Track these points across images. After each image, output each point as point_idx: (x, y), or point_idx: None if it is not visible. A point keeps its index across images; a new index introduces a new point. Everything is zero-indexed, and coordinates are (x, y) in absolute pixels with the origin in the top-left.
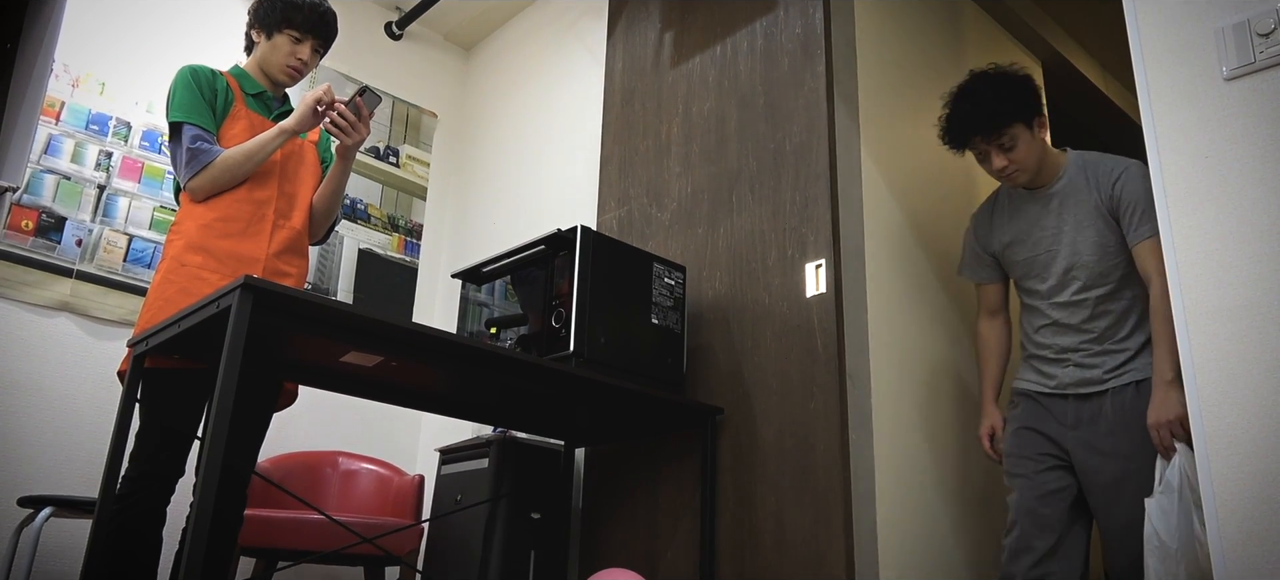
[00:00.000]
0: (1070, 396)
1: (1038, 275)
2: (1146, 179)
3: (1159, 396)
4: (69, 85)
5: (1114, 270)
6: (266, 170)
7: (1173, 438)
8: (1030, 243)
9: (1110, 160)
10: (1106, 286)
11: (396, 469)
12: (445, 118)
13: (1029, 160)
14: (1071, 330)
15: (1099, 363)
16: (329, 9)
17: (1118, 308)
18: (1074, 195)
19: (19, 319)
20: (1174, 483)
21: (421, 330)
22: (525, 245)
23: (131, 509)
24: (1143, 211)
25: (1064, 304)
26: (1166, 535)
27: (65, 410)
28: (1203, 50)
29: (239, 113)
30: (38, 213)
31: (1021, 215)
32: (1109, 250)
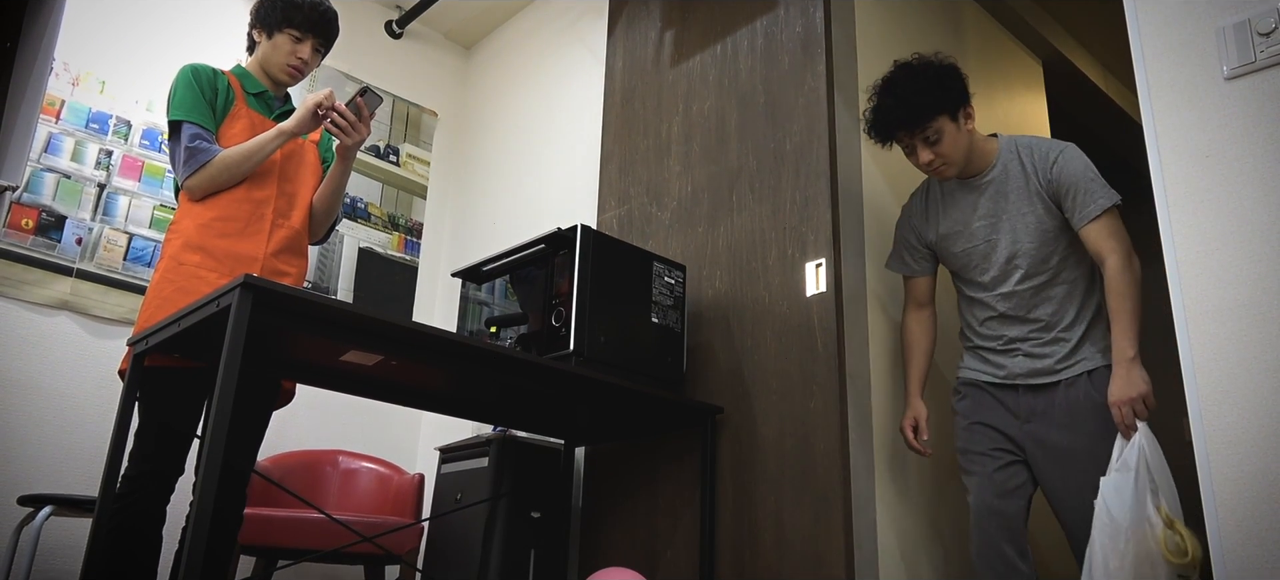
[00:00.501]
0: (1021, 387)
1: (978, 267)
2: (1084, 159)
3: (1120, 374)
4: (69, 84)
5: (1053, 256)
6: (265, 170)
7: (1135, 416)
8: (967, 234)
9: (1045, 143)
10: (1047, 273)
11: (396, 468)
12: (445, 117)
13: (955, 153)
14: (1018, 321)
15: (1049, 352)
16: (330, 8)
17: (1059, 294)
18: (1010, 182)
19: (19, 317)
20: (1131, 461)
21: (421, 329)
22: (525, 244)
23: (131, 508)
24: (1087, 192)
25: (1008, 294)
26: (1118, 513)
27: (65, 409)
28: (1203, 49)
29: (240, 112)
30: (38, 211)
31: (957, 205)
32: (1048, 236)
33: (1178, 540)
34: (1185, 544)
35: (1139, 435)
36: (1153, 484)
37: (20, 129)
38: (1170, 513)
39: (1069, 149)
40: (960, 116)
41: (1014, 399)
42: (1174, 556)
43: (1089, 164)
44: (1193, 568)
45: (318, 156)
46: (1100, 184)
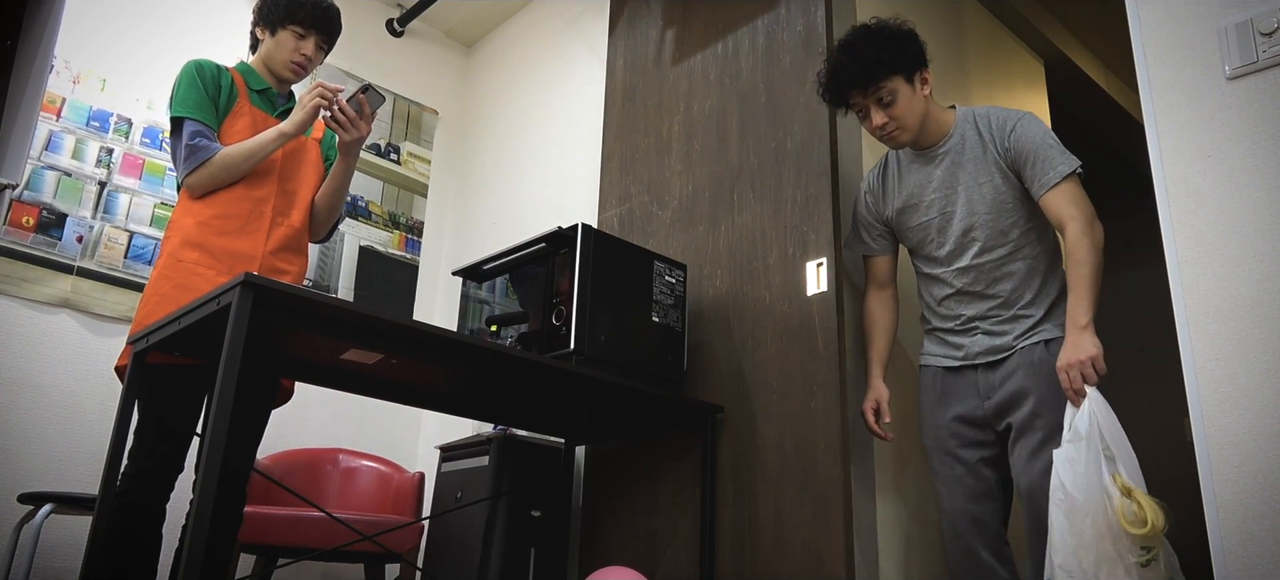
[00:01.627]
0: (980, 367)
1: (934, 241)
2: (1042, 126)
3: (1071, 340)
4: (70, 82)
5: (1012, 228)
6: (265, 168)
7: (1083, 381)
8: (923, 206)
9: (1003, 112)
10: (1006, 246)
11: (397, 466)
12: (446, 115)
13: (909, 117)
14: (976, 297)
15: (1008, 329)
16: (332, 5)
17: (1019, 269)
18: (967, 152)
19: (19, 316)
20: (1083, 430)
21: (422, 328)
22: (526, 243)
23: (130, 507)
24: (1046, 159)
25: (965, 269)
26: (1073, 487)
27: (66, 407)
28: (1205, 49)
29: (242, 110)
30: (39, 209)
31: (912, 178)
32: (1006, 207)
33: (1136, 509)
34: (1144, 512)
35: (1090, 402)
36: (1108, 452)
37: (20, 127)
38: (1128, 481)
39: (1027, 116)
40: (916, 80)
41: (971, 381)
42: (1134, 526)
43: (1048, 131)
44: (1154, 537)
45: (320, 154)
46: (1060, 150)
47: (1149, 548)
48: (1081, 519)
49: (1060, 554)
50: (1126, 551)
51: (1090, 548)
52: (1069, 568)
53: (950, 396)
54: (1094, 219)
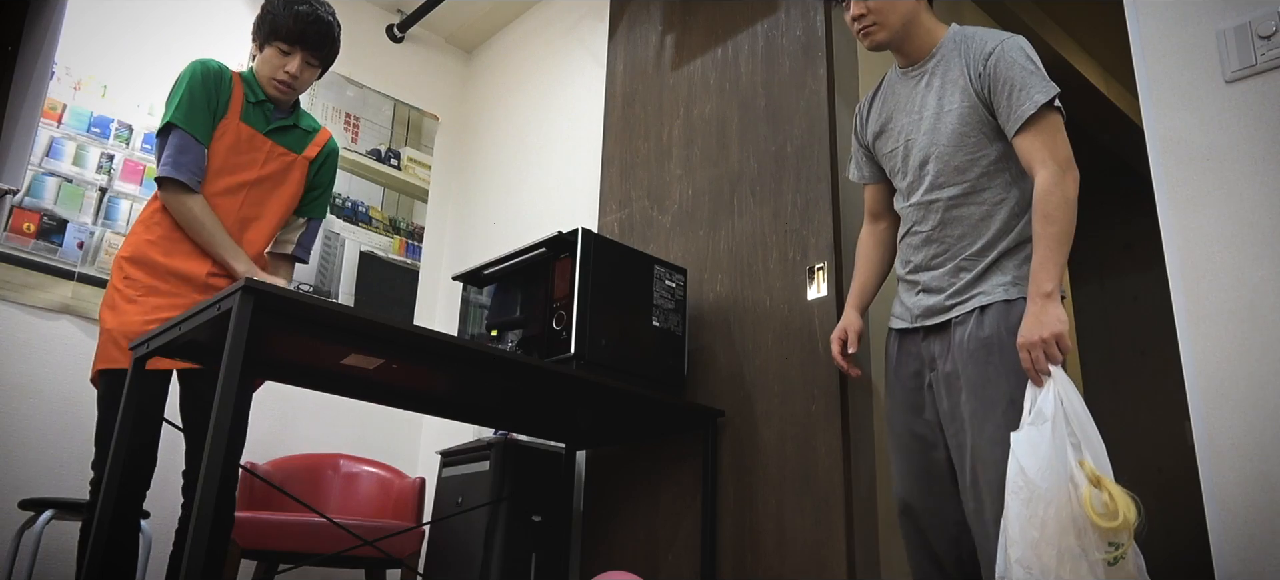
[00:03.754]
0: (922, 331)
1: (899, 171)
2: (1026, 52)
3: (1033, 312)
4: (71, 88)
5: (972, 166)
6: (232, 189)
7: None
8: (894, 131)
9: (987, 33)
10: (960, 185)
11: (397, 471)
12: (446, 120)
13: (889, 13)
14: (926, 240)
15: (945, 285)
16: (323, 20)
17: (973, 215)
18: (944, 73)
19: (20, 321)
20: (1047, 411)
21: (422, 333)
22: (526, 247)
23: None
24: (1022, 88)
25: (919, 205)
26: (1035, 473)
27: (66, 413)
28: (1204, 52)
29: (228, 127)
30: (39, 215)
31: (892, 99)
32: (969, 141)
33: (1106, 500)
34: (1115, 504)
35: (1054, 383)
36: (1074, 437)
37: (21, 133)
38: (1096, 469)
39: (1012, 40)
40: None
41: (918, 346)
42: (1103, 519)
43: (1032, 57)
44: (1124, 530)
45: (302, 178)
46: (1040, 79)
47: (1117, 544)
48: (1043, 509)
49: (1018, 548)
50: (1093, 547)
51: (1052, 542)
52: (1027, 563)
53: (900, 369)
54: (1069, 166)
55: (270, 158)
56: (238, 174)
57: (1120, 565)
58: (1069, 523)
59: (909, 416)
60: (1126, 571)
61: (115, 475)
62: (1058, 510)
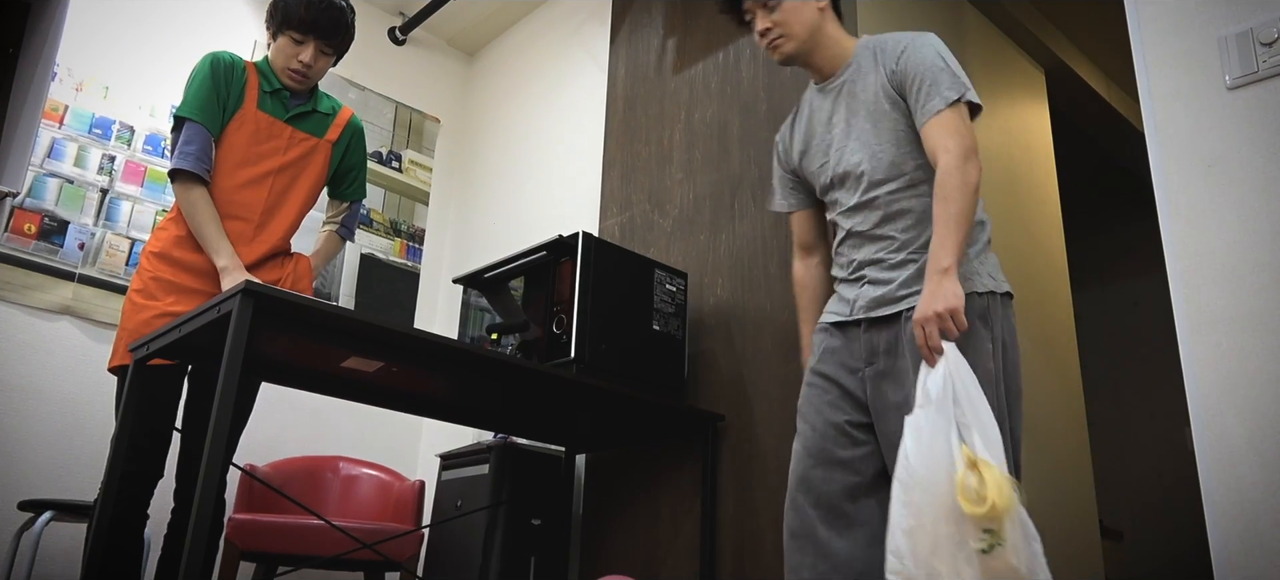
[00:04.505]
0: (863, 323)
1: (833, 184)
2: (937, 48)
3: (929, 288)
4: (72, 89)
5: (907, 160)
6: (257, 179)
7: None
8: (819, 145)
9: (899, 34)
10: (898, 180)
11: (397, 474)
12: (448, 123)
13: (795, 24)
14: (867, 239)
15: (893, 277)
16: (336, 6)
17: (915, 208)
18: (861, 80)
19: (21, 322)
20: (934, 393)
21: (422, 336)
22: (527, 251)
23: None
24: (931, 83)
25: (855, 208)
26: (917, 458)
27: (66, 414)
28: (1206, 59)
29: (246, 117)
30: (40, 216)
31: (813, 117)
32: (899, 137)
33: (976, 484)
34: (985, 489)
35: (945, 362)
36: (962, 420)
37: (21, 134)
38: (977, 453)
39: (922, 37)
40: None
41: (856, 341)
42: (971, 504)
43: (943, 53)
44: (995, 520)
45: (325, 161)
46: (950, 76)
47: (991, 530)
48: (921, 495)
49: (894, 537)
50: (969, 535)
51: (928, 530)
52: (901, 552)
53: (830, 356)
54: (971, 154)
55: (292, 144)
56: (261, 163)
57: (997, 554)
58: (944, 511)
59: (831, 408)
60: (1005, 562)
61: (114, 477)
62: (935, 496)
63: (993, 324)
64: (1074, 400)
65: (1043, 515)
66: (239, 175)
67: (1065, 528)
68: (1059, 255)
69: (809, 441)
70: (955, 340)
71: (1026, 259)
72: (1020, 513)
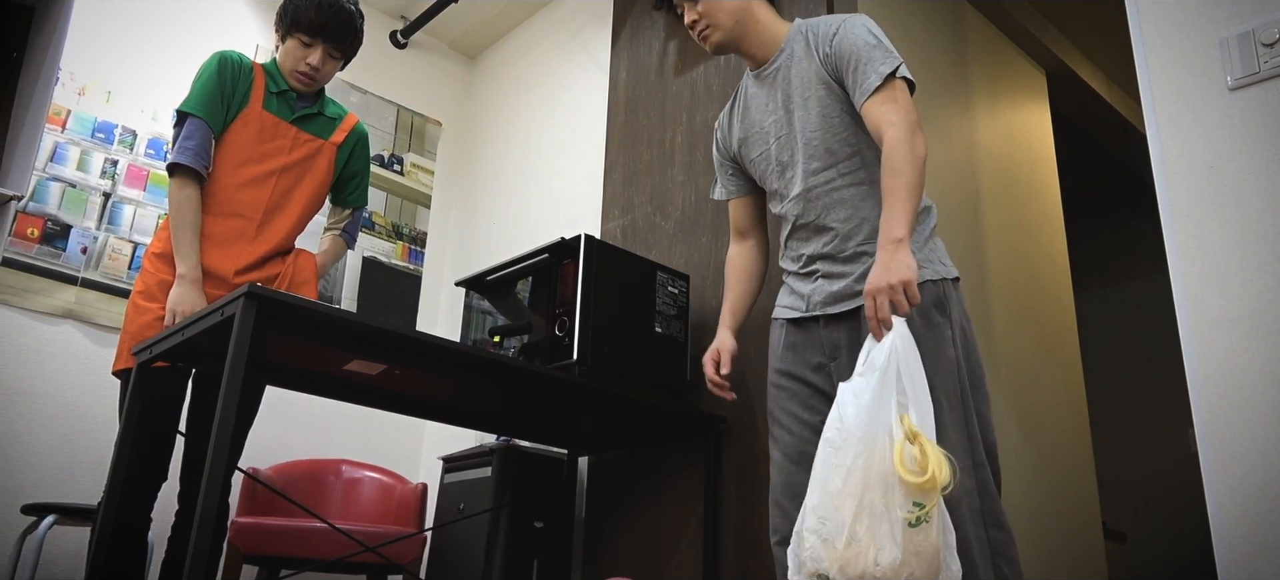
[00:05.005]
0: (822, 319)
1: (773, 172)
2: (868, 27)
3: (882, 259)
4: (75, 93)
5: (842, 146)
6: (259, 179)
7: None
8: (758, 134)
9: (830, 17)
10: (836, 168)
11: (399, 477)
12: (449, 126)
13: (719, 13)
14: (813, 231)
15: (848, 271)
16: (344, 9)
17: (854, 196)
18: (794, 66)
19: (24, 326)
20: (878, 362)
21: (425, 339)
22: (529, 253)
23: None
24: (867, 61)
25: (798, 197)
26: (853, 421)
27: (69, 418)
28: (1207, 60)
29: (251, 116)
30: (43, 220)
31: (752, 104)
32: (834, 122)
33: (918, 456)
34: (926, 461)
35: (893, 335)
36: (902, 392)
37: (26, 138)
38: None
39: (853, 18)
40: None
41: (817, 337)
42: (911, 474)
43: (874, 32)
44: (930, 492)
45: (329, 165)
46: (883, 51)
47: (922, 504)
48: (851, 458)
49: (816, 496)
50: (897, 504)
51: (853, 494)
52: (823, 513)
53: (793, 355)
54: (916, 129)
55: (296, 145)
56: (264, 162)
57: (922, 529)
58: (877, 478)
59: (804, 409)
60: (928, 539)
61: (118, 481)
62: (867, 462)
63: (949, 310)
64: (1076, 401)
65: (1046, 517)
66: (242, 173)
67: (1068, 529)
68: (1061, 256)
69: (786, 446)
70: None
71: (1028, 260)
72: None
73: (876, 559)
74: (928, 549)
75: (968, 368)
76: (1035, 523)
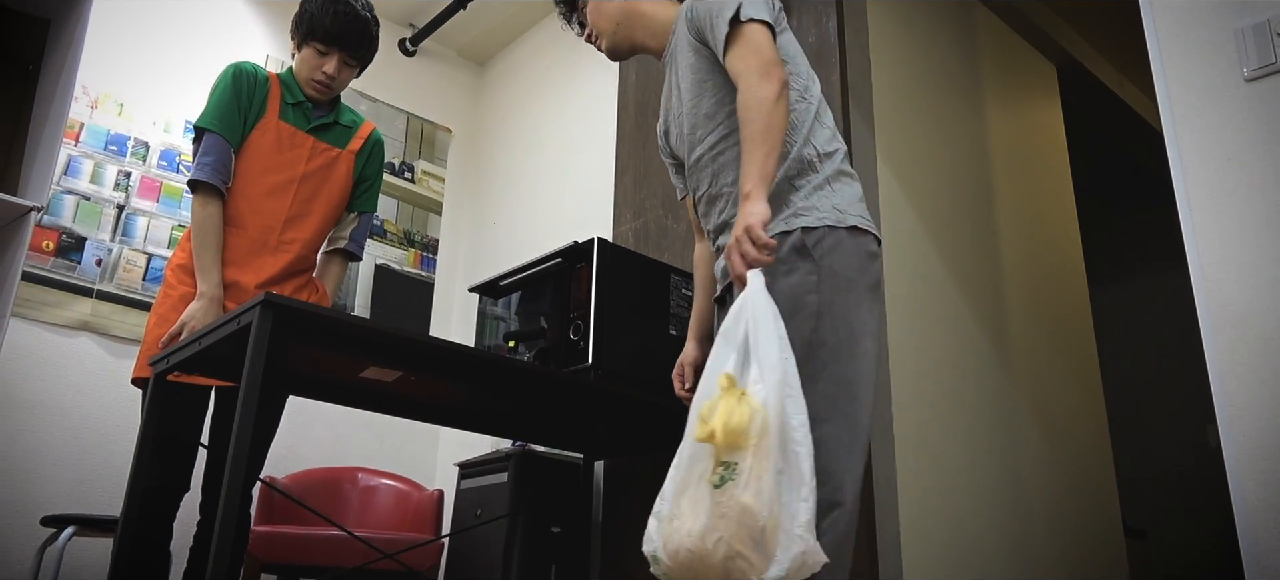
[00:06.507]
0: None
1: (686, 154)
2: None
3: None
4: (88, 106)
5: (719, 109)
6: (281, 187)
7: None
8: (673, 121)
9: None
10: (716, 132)
11: (416, 484)
12: (460, 133)
13: (602, 22)
14: (710, 202)
15: None
16: (360, 17)
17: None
18: (679, 45)
19: (40, 339)
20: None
21: (442, 345)
22: (543, 258)
23: (142, 524)
24: (717, 15)
25: (693, 168)
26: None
27: (86, 429)
28: (1223, 51)
29: (268, 125)
30: (58, 233)
31: (664, 96)
32: (706, 87)
33: (705, 409)
34: (712, 416)
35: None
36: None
37: (44, 150)
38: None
39: None
40: None
41: None
42: (697, 429)
43: None
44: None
45: (349, 172)
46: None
47: (727, 463)
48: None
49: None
50: (706, 469)
51: (681, 466)
52: (664, 492)
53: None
54: (768, 69)
55: (314, 154)
56: (283, 172)
57: (726, 488)
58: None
59: None
60: (733, 498)
61: (136, 492)
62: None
63: (820, 257)
64: (1094, 398)
65: (1065, 515)
66: (261, 184)
67: (1088, 527)
68: (1075, 252)
69: None
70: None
71: (1043, 257)
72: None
73: (689, 529)
74: (733, 508)
75: (835, 321)
76: (1055, 520)
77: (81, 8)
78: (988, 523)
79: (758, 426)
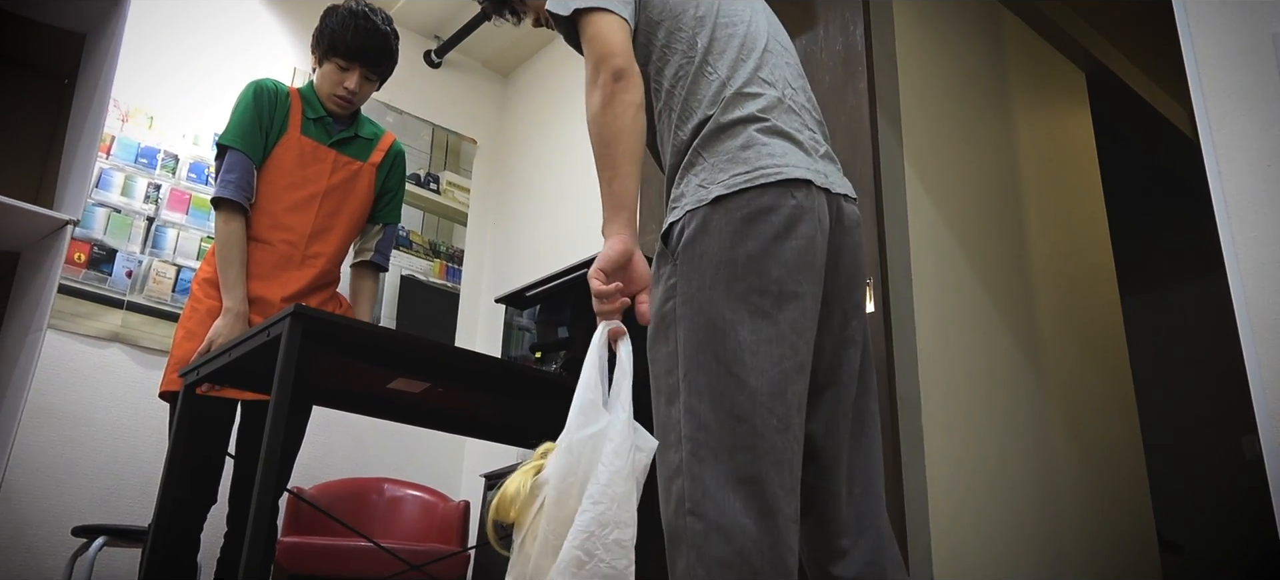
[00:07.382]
0: None
1: None
2: None
3: None
4: (118, 119)
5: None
6: (304, 202)
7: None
8: None
9: None
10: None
11: (441, 495)
12: (485, 144)
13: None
14: None
15: None
16: (380, 31)
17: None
18: None
19: (72, 350)
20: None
21: (470, 356)
22: (570, 268)
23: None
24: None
25: None
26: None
27: (118, 440)
28: (1260, 56)
29: (290, 141)
30: (90, 245)
31: None
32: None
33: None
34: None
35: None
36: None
37: (80, 163)
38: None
39: None
40: None
41: None
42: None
43: None
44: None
45: (371, 184)
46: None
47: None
48: None
49: None
50: None
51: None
52: None
53: None
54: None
55: (337, 168)
56: (306, 187)
57: (517, 552)
58: None
59: None
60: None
61: (167, 503)
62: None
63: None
64: (1127, 410)
65: (1099, 528)
66: (285, 199)
67: (1122, 541)
68: (1106, 261)
69: None
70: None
71: (1073, 265)
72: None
73: None
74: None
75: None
76: (1088, 532)
77: (117, 21)
78: (1019, 534)
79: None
